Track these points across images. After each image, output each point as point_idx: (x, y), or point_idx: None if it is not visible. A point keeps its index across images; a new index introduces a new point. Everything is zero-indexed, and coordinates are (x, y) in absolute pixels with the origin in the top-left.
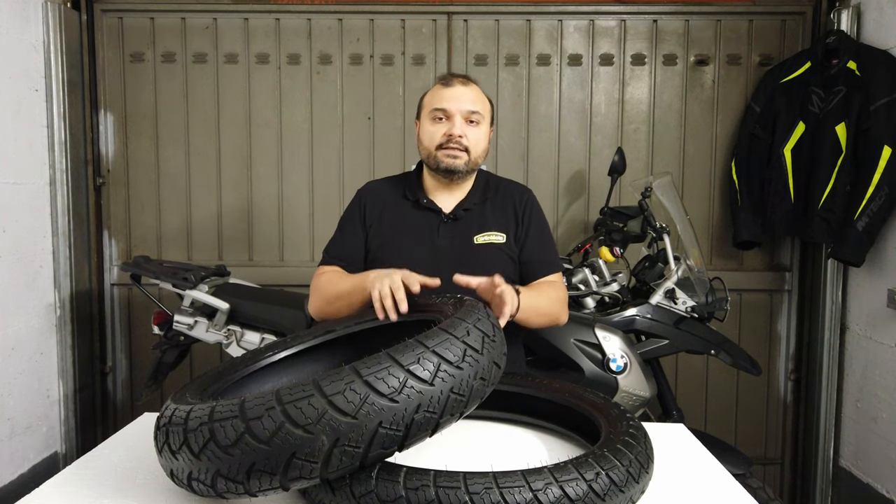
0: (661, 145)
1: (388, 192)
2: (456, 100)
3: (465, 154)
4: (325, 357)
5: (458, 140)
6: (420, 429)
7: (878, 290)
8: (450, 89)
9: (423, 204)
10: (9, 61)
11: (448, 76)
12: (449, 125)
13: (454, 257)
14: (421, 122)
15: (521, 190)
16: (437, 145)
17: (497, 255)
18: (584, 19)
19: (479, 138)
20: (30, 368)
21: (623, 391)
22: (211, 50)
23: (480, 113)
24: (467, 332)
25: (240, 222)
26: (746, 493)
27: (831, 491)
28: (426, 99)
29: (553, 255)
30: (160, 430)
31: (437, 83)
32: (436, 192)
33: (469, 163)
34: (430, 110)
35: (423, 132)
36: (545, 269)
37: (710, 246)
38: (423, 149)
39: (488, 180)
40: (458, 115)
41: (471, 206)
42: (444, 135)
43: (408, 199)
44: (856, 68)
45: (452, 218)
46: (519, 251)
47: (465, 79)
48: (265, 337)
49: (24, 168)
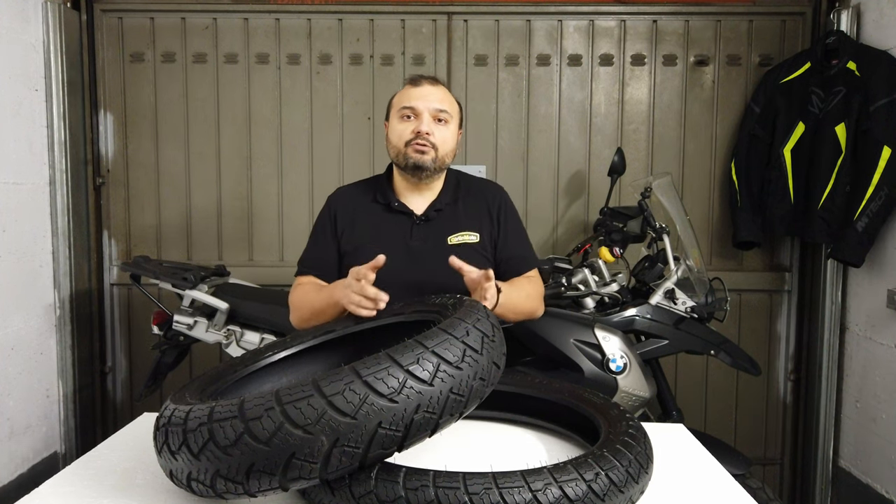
0: (661, 145)
1: (358, 197)
2: (424, 98)
3: (432, 150)
4: (325, 357)
5: (425, 136)
6: (419, 429)
7: (878, 291)
8: (418, 88)
9: (394, 207)
10: (9, 61)
11: (417, 76)
12: (417, 122)
13: (429, 259)
14: (390, 121)
15: (493, 188)
16: (406, 142)
17: (471, 254)
18: (584, 19)
19: (446, 137)
20: (29, 368)
21: (623, 391)
22: (211, 50)
23: (448, 112)
24: (467, 333)
25: (240, 222)
26: (746, 493)
27: (831, 491)
28: (395, 99)
29: (530, 250)
30: (160, 431)
31: (406, 83)
32: (407, 194)
33: (436, 160)
34: (399, 109)
35: (392, 131)
36: (523, 266)
37: (709, 246)
38: (391, 147)
39: (459, 180)
40: (426, 112)
41: (442, 206)
42: (412, 132)
43: (379, 203)
44: (855, 69)
45: (424, 219)
46: (495, 250)
47: (433, 79)
48: (265, 337)
49: (23, 168)
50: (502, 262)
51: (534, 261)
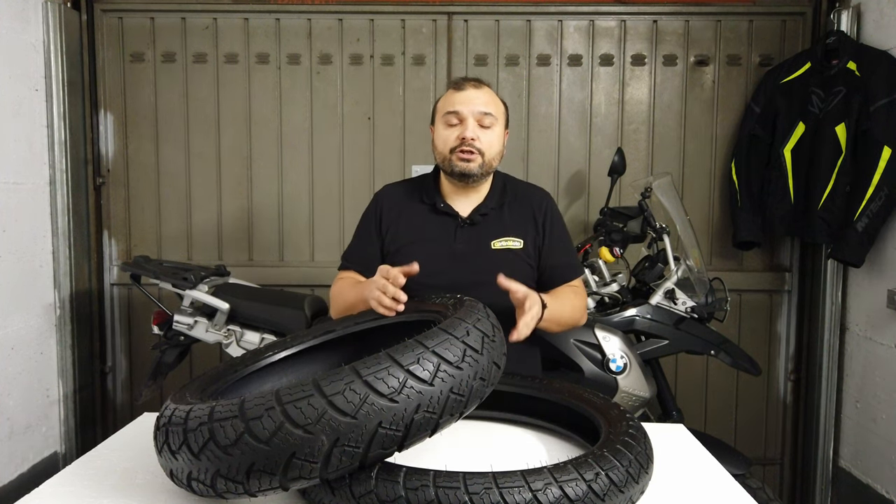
0: (661, 145)
1: (405, 197)
2: (468, 102)
3: (478, 157)
4: (325, 357)
5: (470, 143)
6: (420, 429)
7: (878, 291)
8: (462, 93)
9: (440, 208)
10: (9, 61)
11: (460, 80)
12: (462, 128)
13: (472, 262)
14: (435, 127)
15: (539, 194)
16: (451, 149)
17: (514, 260)
18: (584, 20)
19: (492, 141)
20: (29, 368)
21: (623, 391)
22: (211, 50)
23: (493, 115)
24: (467, 333)
25: (240, 222)
26: (746, 493)
27: (831, 491)
28: (439, 104)
29: (574, 258)
30: (160, 430)
31: (450, 87)
32: (453, 197)
33: (483, 165)
34: (443, 114)
35: (437, 136)
36: (568, 275)
37: (709, 246)
38: (437, 153)
39: (506, 184)
40: (471, 117)
41: (488, 210)
42: (457, 138)
43: (425, 204)
44: (856, 69)
45: (469, 223)
46: (539, 257)
47: (477, 82)
48: (265, 337)
49: (24, 168)
50: (547, 269)
51: (579, 269)
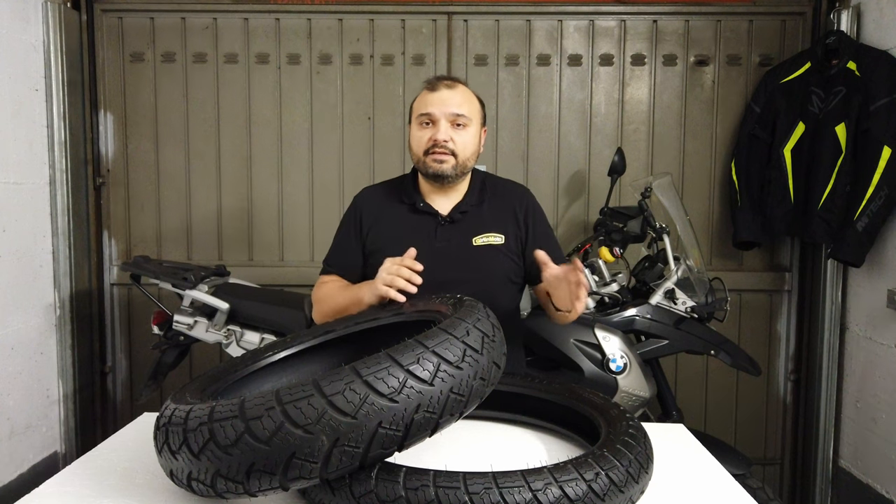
0: (661, 145)
1: (384, 198)
2: (440, 104)
3: (451, 158)
4: (325, 357)
5: (443, 145)
6: (420, 429)
7: (878, 291)
8: (434, 94)
9: (419, 208)
10: (9, 61)
11: (434, 80)
12: (434, 130)
13: (453, 259)
14: (410, 127)
15: (519, 191)
16: (424, 150)
17: (496, 256)
18: (584, 19)
19: (466, 141)
20: (29, 368)
21: (623, 391)
22: (211, 50)
23: (466, 115)
24: (467, 332)
25: (240, 222)
26: (746, 493)
27: (831, 491)
28: (414, 104)
29: (559, 250)
30: (160, 430)
31: (424, 88)
32: (432, 196)
33: (457, 166)
34: (417, 115)
35: (412, 137)
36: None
37: (709, 246)
38: (412, 154)
39: (485, 181)
40: (443, 119)
41: (468, 208)
42: (429, 140)
43: (404, 204)
44: (856, 69)
45: (449, 220)
46: (523, 253)
47: (451, 81)
48: (265, 337)
49: (24, 168)
50: (531, 265)
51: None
